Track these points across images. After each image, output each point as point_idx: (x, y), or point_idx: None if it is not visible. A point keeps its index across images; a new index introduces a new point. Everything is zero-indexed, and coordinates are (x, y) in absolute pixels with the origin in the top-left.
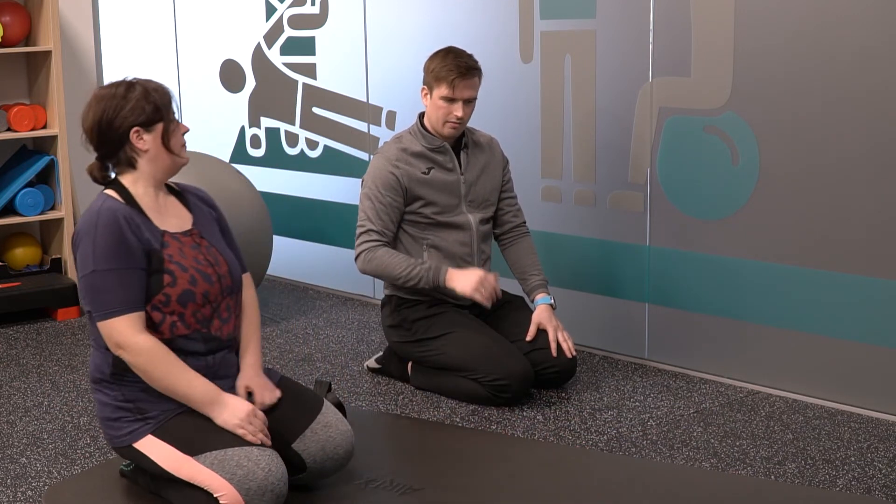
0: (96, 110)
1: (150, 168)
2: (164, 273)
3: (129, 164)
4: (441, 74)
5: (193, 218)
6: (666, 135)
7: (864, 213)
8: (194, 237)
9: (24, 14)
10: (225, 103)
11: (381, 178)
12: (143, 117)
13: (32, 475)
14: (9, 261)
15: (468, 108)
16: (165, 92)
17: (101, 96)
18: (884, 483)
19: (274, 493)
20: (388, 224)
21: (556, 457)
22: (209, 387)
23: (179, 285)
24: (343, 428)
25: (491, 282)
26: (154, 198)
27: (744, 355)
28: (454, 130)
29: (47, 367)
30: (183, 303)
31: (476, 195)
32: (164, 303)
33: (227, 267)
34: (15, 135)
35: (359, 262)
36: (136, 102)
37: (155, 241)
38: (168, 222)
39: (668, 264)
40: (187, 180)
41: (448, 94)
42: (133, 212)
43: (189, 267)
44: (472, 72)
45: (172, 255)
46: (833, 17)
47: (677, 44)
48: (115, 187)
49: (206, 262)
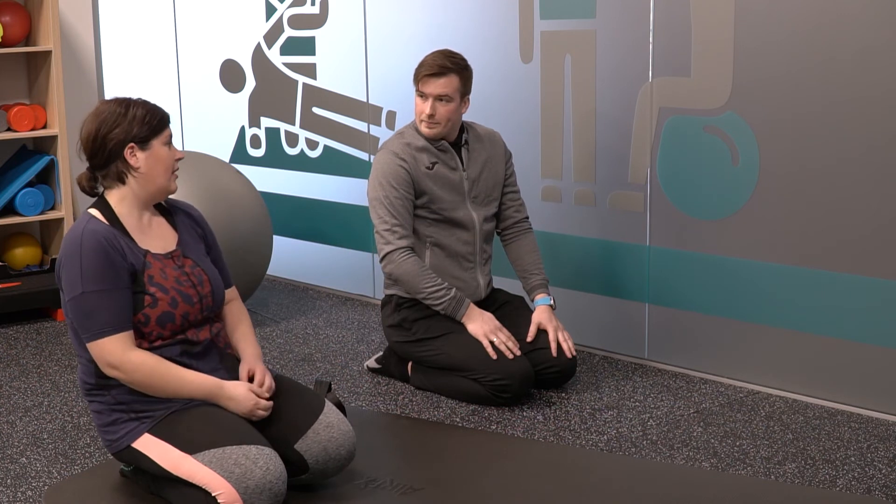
0: (94, 123)
1: (138, 187)
2: (144, 294)
3: (118, 179)
4: (416, 70)
5: (179, 237)
6: (666, 135)
7: (864, 213)
8: (176, 258)
9: (24, 14)
10: (225, 103)
11: (392, 173)
12: (138, 135)
13: (32, 475)
14: (9, 261)
15: (442, 107)
16: (163, 114)
17: (101, 110)
18: (884, 483)
19: (272, 492)
20: (406, 217)
21: (556, 457)
22: (208, 382)
23: (160, 307)
24: (345, 428)
25: (504, 337)
26: (138, 218)
27: (744, 355)
28: (429, 130)
29: (47, 367)
30: (162, 324)
31: (479, 191)
32: (143, 322)
33: (210, 288)
34: (15, 135)
35: (385, 263)
36: (134, 120)
37: (137, 262)
38: (151, 243)
39: (668, 264)
40: (188, 180)
41: (419, 89)
42: (116, 233)
43: (170, 289)
44: (443, 70)
45: (153, 277)
46: (833, 17)
47: (677, 44)
48: (101, 206)
49: (188, 282)
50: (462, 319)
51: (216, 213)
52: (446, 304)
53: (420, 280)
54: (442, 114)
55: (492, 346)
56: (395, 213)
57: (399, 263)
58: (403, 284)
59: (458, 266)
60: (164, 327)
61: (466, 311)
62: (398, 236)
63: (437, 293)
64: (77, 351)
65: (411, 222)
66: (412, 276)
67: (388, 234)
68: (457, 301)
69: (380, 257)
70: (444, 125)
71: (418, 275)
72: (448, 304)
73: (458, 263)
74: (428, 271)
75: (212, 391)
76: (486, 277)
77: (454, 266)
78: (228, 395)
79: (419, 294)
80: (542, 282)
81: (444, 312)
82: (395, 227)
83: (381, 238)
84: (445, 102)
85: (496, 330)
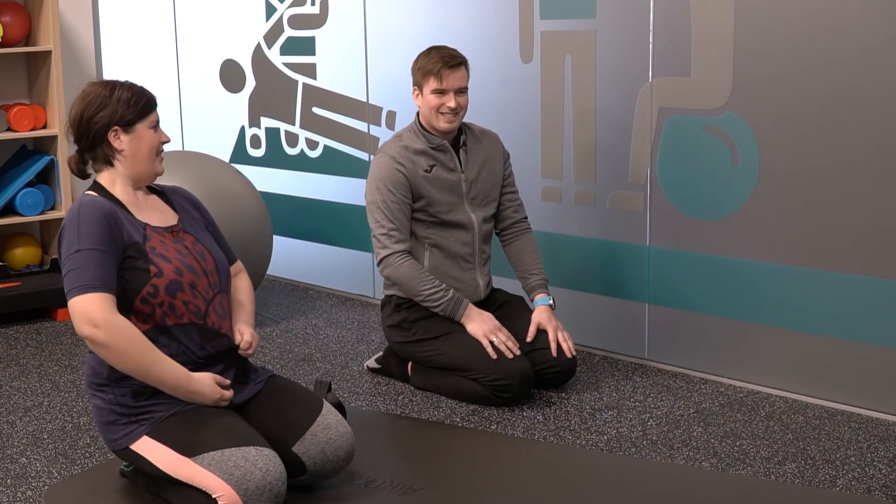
0: (80, 105)
1: (124, 169)
2: (149, 264)
3: (106, 162)
4: (427, 68)
5: (178, 216)
6: (666, 135)
7: (864, 213)
8: (176, 233)
9: (24, 14)
10: (225, 103)
11: (389, 177)
12: (122, 118)
13: (32, 475)
14: (9, 261)
15: (460, 99)
16: (150, 97)
17: (87, 93)
18: (884, 483)
19: (272, 493)
20: (403, 221)
21: (556, 457)
22: (179, 371)
23: (166, 275)
24: (343, 430)
25: (503, 336)
26: (134, 195)
27: (744, 355)
28: (450, 123)
29: (47, 367)
30: (171, 293)
31: (478, 192)
32: (153, 294)
33: (213, 263)
34: (15, 135)
35: (382, 267)
36: (118, 103)
37: (137, 234)
38: (150, 216)
39: (668, 264)
40: (188, 180)
41: (438, 86)
42: (115, 207)
43: (173, 259)
44: (457, 60)
45: (155, 248)
46: (833, 17)
47: (677, 44)
48: (96, 189)
49: (190, 256)
50: (461, 319)
51: (216, 213)
52: (444, 305)
53: (417, 283)
54: (462, 105)
55: (491, 345)
56: (391, 218)
57: (396, 267)
58: (401, 287)
59: (458, 267)
60: (175, 297)
61: (465, 310)
62: (395, 240)
63: (435, 295)
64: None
65: (408, 226)
66: (409, 279)
67: (384, 238)
68: (455, 302)
69: (377, 261)
70: (462, 117)
71: (415, 277)
72: (447, 306)
73: (457, 264)
74: (425, 273)
75: (178, 381)
76: (486, 278)
77: (453, 267)
78: (194, 390)
79: (417, 297)
80: (542, 282)
81: (442, 314)
82: (391, 231)
83: (378, 242)
84: (463, 93)
85: (496, 330)
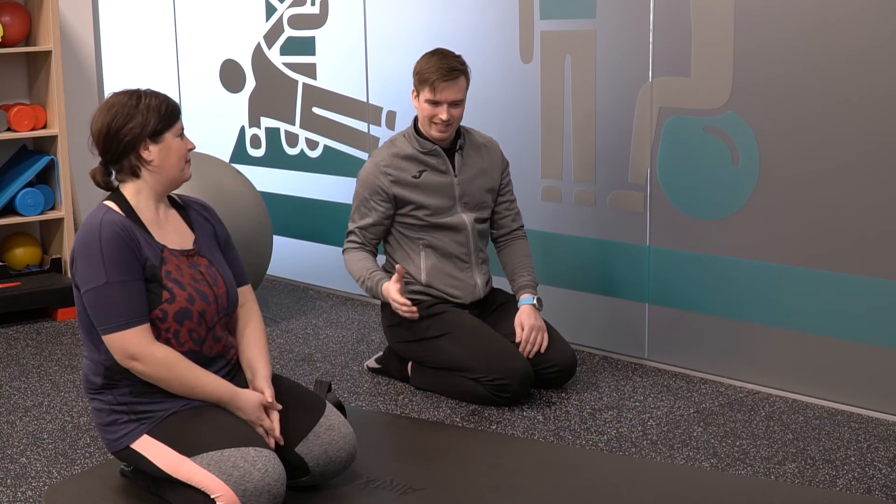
0: (106, 117)
1: (152, 179)
2: (163, 289)
3: (132, 173)
4: (424, 77)
5: (195, 237)
6: (666, 135)
7: (864, 213)
8: (192, 257)
9: (24, 14)
10: (225, 103)
11: (369, 184)
12: (151, 128)
13: (32, 475)
14: (9, 261)
15: (455, 111)
16: (175, 105)
17: (112, 104)
18: (884, 483)
19: (271, 494)
20: (367, 226)
21: (556, 457)
22: (223, 387)
23: (177, 302)
24: (346, 431)
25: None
26: (155, 211)
27: (744, 355)
28: (441, 133)
29: (47, 367)
30: (179, 320)
31: (471, 197)
32: (161, 318)
33: (224, 288)
34: (15, 135)
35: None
36: (148, 111)
37: (154, 257)
38: (168, 237)
39: (668, 264)
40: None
41: (431, 97)
42: (133, 226)
43: (187, 285)
44: (455, 73)
45: (171, 272)
46: (833, 17)
47: (677, 44)
48: (116, 199)
49: (204, 281)
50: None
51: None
52: (370, 287)
53: (353, 272)
54: (455, 117)
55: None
56: (357, 219)
57: (345, 261)
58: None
59: (454, 266)
60: (182, 324)
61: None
62: (349, 238)
63: (363, 282)
64: (86, 346)
65: (375, 230)
66: (350, 271)
67: (348, 235)
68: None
69: None
70: (455, 127)
71: (352, 269)
72: (372, 287)
73: (454, 264)
74: (359, 261)
75: (223, 398)
76: (484, 277)
77: (450, 266)
78: (238, 406)
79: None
80: (529, 283)
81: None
82: (352, 231)
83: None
84: (457, 106)
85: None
